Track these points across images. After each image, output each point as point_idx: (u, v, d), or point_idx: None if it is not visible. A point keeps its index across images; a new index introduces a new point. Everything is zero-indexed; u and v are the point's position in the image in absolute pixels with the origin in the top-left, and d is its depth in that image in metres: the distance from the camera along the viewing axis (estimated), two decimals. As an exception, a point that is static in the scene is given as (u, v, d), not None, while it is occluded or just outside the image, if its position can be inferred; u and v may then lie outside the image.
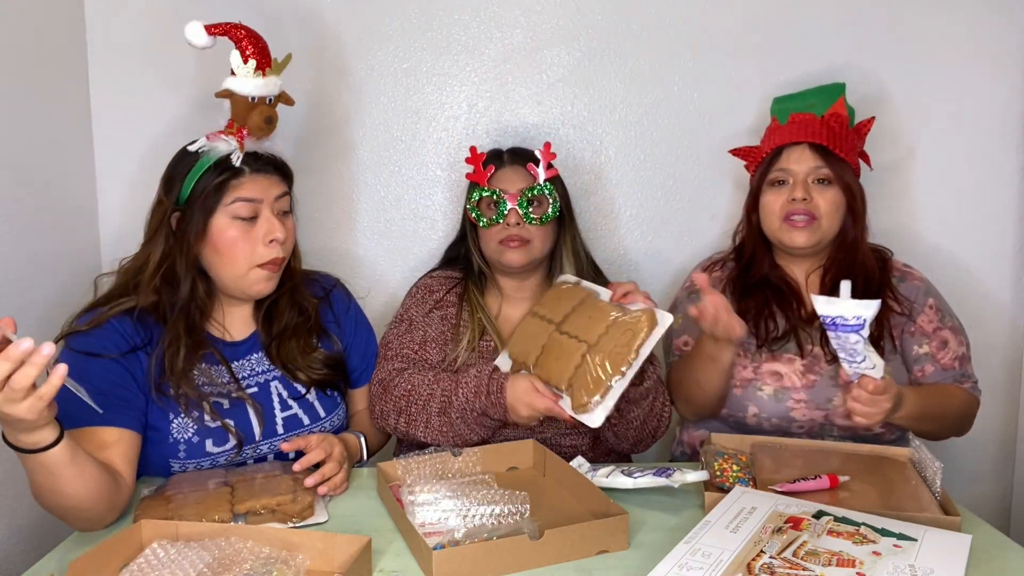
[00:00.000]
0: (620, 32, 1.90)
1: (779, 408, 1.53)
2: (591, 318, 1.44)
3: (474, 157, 1.60)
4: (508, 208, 1.55)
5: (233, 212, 1.35)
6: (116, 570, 1.06)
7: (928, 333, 1.57)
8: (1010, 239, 1.96)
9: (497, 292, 1.66)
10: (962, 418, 1.58)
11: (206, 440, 1.36)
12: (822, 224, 1.54)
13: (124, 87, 1.84)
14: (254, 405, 1.39)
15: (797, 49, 1.89)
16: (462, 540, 1.11)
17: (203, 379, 1.37)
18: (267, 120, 1.39)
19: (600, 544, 1.13)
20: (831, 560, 1.00)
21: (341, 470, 1.33)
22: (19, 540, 1.56)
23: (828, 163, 1.54)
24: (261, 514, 1.21)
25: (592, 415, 1.36)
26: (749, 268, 1.64)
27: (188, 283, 1.37)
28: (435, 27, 1.89)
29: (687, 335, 1.64)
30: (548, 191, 1.57)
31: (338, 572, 1.06)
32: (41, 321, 1.62)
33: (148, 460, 1.35)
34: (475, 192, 1.59)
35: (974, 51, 1.89)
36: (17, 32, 1.59)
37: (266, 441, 1.41)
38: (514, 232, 1.55)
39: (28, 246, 1.61)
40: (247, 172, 1.37)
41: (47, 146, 1.70)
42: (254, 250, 1.37)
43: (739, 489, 1.24)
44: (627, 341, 1.37)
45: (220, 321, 1.45)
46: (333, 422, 1.50)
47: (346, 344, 1.57)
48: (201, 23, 1.40)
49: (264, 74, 1.40)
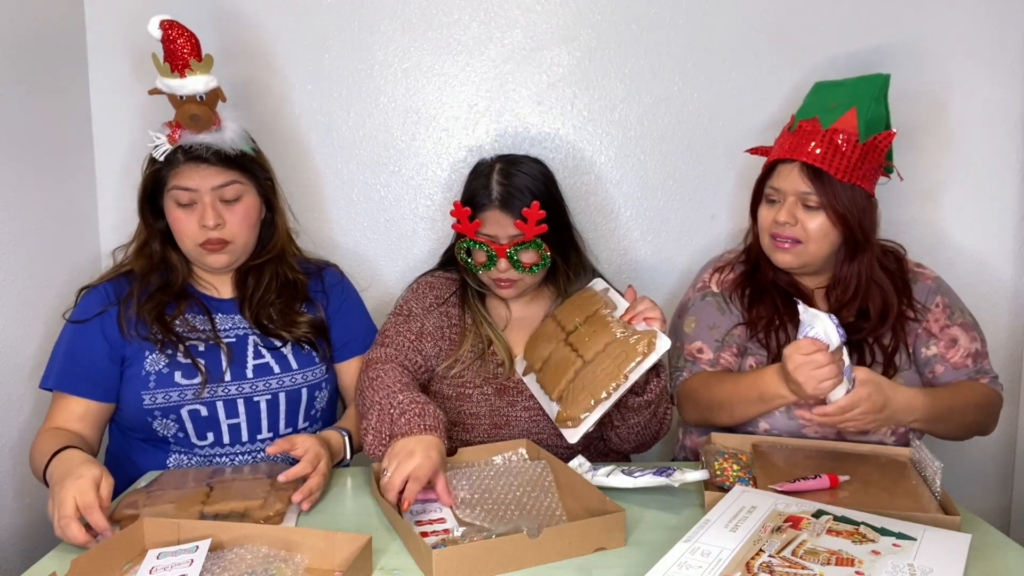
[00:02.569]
0: (620, 32, 1.90)
1: (790, 425, 1.50)
2: (595, 333, 1.45)
3: (458, 211, 1.52)
4: (497, 258, 1.52)
5: (174, 198, 1.48)
6: (118, 568, 1.07)
7: (935, 333, 1.54)
8: (1010, 239, 1.96)
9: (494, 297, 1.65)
10: (982, 415, 1.52)
11: (175, 372, 1.46)
12: (808, 248, 1.48)
13: (124, 87, 1.84)
14: (227, 349, 1.50)
15: (797, 48, 1.89)
16: (461, 539, 1.11)
17: (183, 327, 1.50)
18: (191, 117, 1.46)
19: (598, 541, 1.14)
20: (830, 559, 1.00)
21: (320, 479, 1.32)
22: (19, 540, 1.57)
23: (818, 188, 1.44)
24: (229, 517, 1.21)
25: (571, 432, 1.41)
26: (756, 272, 1.60)
27: (159, 249, 1.54)
28: (435, 27, 1.89)
29: (701, 342, 1.58)
30: (536, 246, 1.51)
31: (338, 571, 1.06)
32: (41, 320, 1.62)
33: (123, 398, 1.48)
34: (463, 243, 1.55)
35: (974, 50, 1.89)
36: (17, 32, 1.59)
37: (235, 383, 1.49)
38: (504, 276, 1.54)
39: (28, 246, 1.61)
40: (181, 162, 1.47)
41: (47, 146, 1.70)
42: (194, 231, 1.48)
43: (739, 488, 1.24)
44: (619, 363, 1.38)
45: (208, 280, 1.58)
46: (306, 376, 1.55)
47: (331, 314, 1.63)
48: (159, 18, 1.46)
49: (182, 74, 1.45)
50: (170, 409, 1.45)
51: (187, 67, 1.45)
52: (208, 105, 1.47)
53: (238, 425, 1.49)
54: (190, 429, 1.47)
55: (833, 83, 1.59)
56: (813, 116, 1.51)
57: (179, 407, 1.45)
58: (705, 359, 1.58)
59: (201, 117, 1.46)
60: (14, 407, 1.58)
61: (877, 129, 1.48)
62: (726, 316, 1.58)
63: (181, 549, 1.07)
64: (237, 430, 1.49)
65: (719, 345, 1.57)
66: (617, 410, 1.46)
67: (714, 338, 1.58)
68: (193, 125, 1.46)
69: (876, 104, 1.49)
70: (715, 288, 1.62)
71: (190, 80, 1.45)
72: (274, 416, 1.51)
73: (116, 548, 1.08)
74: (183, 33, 1.45)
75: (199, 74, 1.46)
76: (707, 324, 1.59)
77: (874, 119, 1.48)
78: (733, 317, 1.58)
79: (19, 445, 1.57)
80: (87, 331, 1.47)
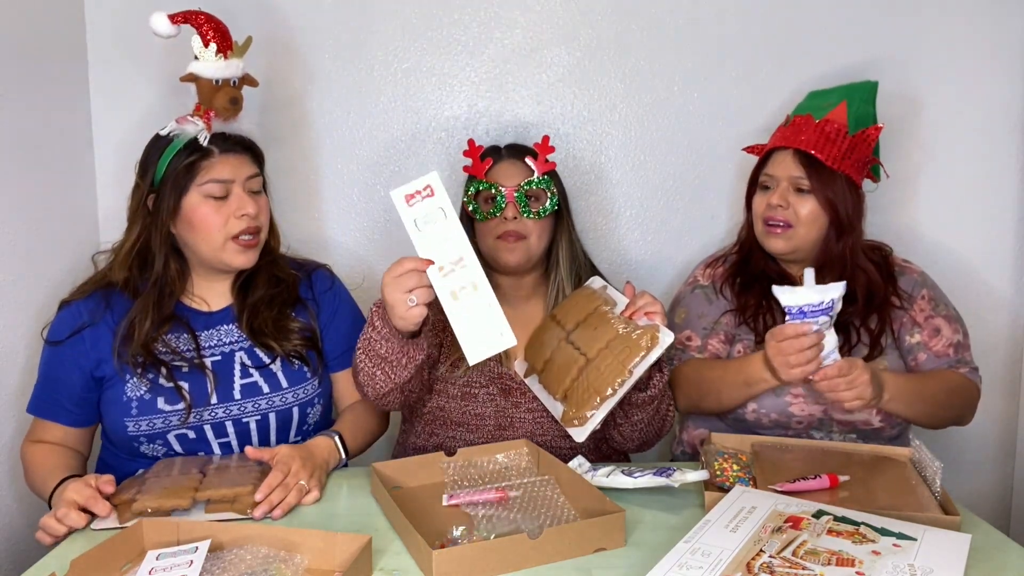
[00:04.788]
0: (620, 32, 1.90)
1: (778, 403, 1.54)
2: (596, 329, 1.43)
3: (472, 150, 1.57)
4: (505, 202, 1.53)
5: (206, 192, 1.41)
6: (117, 569, 1.06)
7: (920, 322, 1.59)
8: (1010, 238, 1.96)
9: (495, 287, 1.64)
10: (959, 401, 1.57)
11: (158, 398, 1.41)
12: (799, 231, 1.55)
13: (124, 87, 1.84)
14: (212, 373, 1.44)
15: (797, 49, 1.89)
16: (460, 539, 1.11)
17: (164, 349, 1.43)
18: (232, 101, 1.43)
19: (597, 542, 1.13)
20: (830, 559, 1.00)
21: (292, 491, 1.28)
22: (19, 540, 1.56)
23: (809, 173, 1.53)
24: (220, 502, 1.23)
25: (578, 430, 1.38)
26: (748, 263, 1.66)
27: (162, 260, 1.45)
28: (435, 27, 1.89)
29: (690, 330, 1.64)
30: (546, 185, 1.55)
31: (338, 571, 1.06)
32: (41, 320, 1.62)
33: (105, 421, 1.45)
34: (472, 185, 1.57)
35: (974, 50, 1.89)
36: (17, 32, 1.59)
37: (221, 405, 1.43)
38: (511, 227, 1.53)
39: (28, 245, 1.61)
40: (216, 153, 1.42)
41: (47, 146, 1.70)
42: (227, 223, 1.42)
43: (739, 489, 1.24)
44: (623, 359, 1.36)
45: (198, 293, 1.51)
46: (297, 395, 1.49)
47: (323, 322, 1.57)
48: (164, 13, 1.45)
49: (226, 56, 1.44)
50: (156, 435, 1.41)
51: (230, 48, 1.44)
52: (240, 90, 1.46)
53: (228, 443, 1.45)
54: (179, 451, 1.43)
55: (826, 90, 1.67)
56: (807, 114, 1.60)
57: (165, 433, 1.41)
58: (694, 346, 1.63)
59: (240, 101, 1.44)
60: (12, 405, 1.58)
61: (865, 125, 1.58)
62: (713, 305, 1.65)
63: (180, 550, 1.07)
64: (228, 448, 1.45)
65: (707, 332, 1.63)
66: (621, 407, 1.45)
67: (702, 326, 1.64)
68: (233, 110, 1.44)
69: (865, 104, 1.60)
70: (704, 281, 1.70)
71: (233, 62, 1.44)
72: (264, 436, 1.47)
73: (115, 549, 1.08)
74: (214, 18, 1.45)
75: (237, 58, 1.45)
76: (696, 314, 1.66)
77: (863, 116, 1.58)
78: (721, 306, 1.65)
79: (17, 446, 1.57)
80: (61, 355, 1.43)
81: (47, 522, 1.22)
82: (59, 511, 1.21)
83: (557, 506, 1.23)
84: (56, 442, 1.46)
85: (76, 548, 1.15)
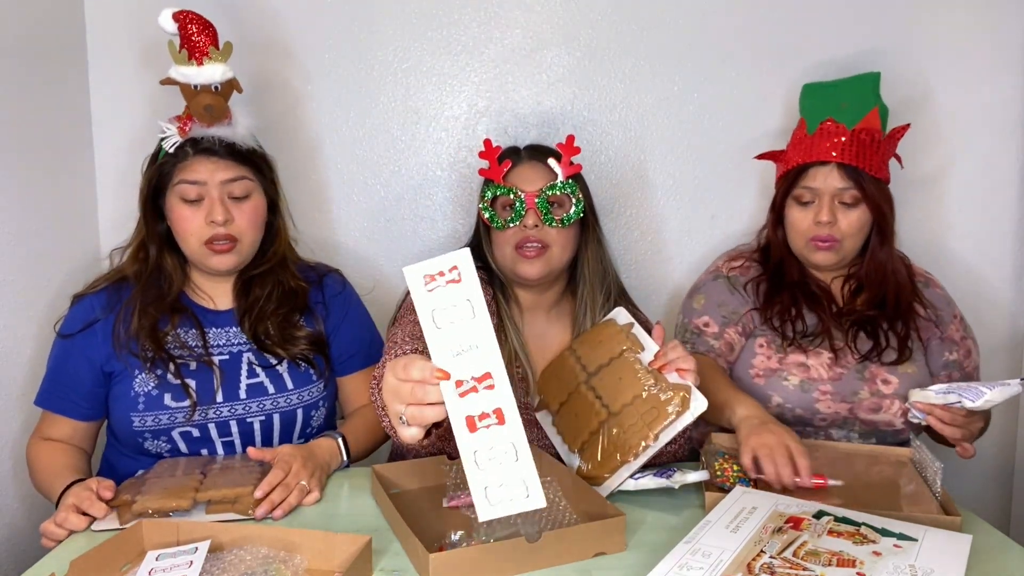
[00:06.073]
0: (620, 32, 1.90)
1: (804, 399, 1.53)
2: (621, 380, 1.31)
3: (489, 151, 1.46)
4: (525, 208, 1.42)
5: (180, 193, 1.43)
6: (117, 569, 1.06)
7: (957, 341, 1.62)
8: (1010, 239, 1.96)
9: (515, 303, 1.54)
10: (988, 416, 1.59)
11: (165, 394, 1.41)
12: (846, 244, 1.56)
13: (124, 87, 1.84)
14: (219, 370, 1.44)
15: (797, 48, 1.89)
16: (459, 542, 1.11)
17: (174, 344, 1.44)
18: (206, 108, 1.43)
19: (598, 546, 1.13)
20: (831, 560, 1.00)
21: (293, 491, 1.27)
22: (22, 540, 1.56)
23: (855, 184, 1.53)
24: (221, 503, 1.23)
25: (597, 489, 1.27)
26: (779, 274, 1.64)
27: (155, 254, 1.48)
28: (435, 27, 1.89)
29: (708, 316, 1.62)
30: (571, 190, 1.44)
31: (338, 571, 1.06)
32: (40, 320, 1.62)
33: (112, 416, 1.46)
34: (488, 190, 1.47)
35: (974, 50, 1.89)
36: (17, 32, 1.59)
37: (227, 404, 1.44)
38: (532, 235, 1.43)
39: (28, 246, 1.61)
40: (190, 155, 1.43)
41: (47, 146, 1.70)
42: (200, 228, 1.43)
43: (739, 489, 1.23)
44: (649, 421, 1.25)
45: (205, 291, 1.52)
46: (302, 396, 1.49)
47: (332, 327, 1.57)
48: (171, 11, 1.45)
49: (200, 63, 1.43)
50: (161, 431, 1.41)
51: (205, 55, 1.43)
52: (223, 96, 1.45)
53: (232, 442, 1.45)
54: (183, 448, 1.44)
55: (824, 84, 1.66)
56: (828, 117, 1.57)
57: (170, 429, 1.41)
58: (711, 332, 1.62)
59: (215, 108, 1.43)
60: (14, 404, 1.58)
61: (885, 119, 1.58)
62: (735, 297, 1.63)
63: (180, 550, 1.07)
64: (231, 447, 1.45)
65: (725, 321, 1.62)
66: None
67: (721, 314, 1.62)
68: (207, 116, 1.42)
69: (880, 100, 1.59)
70: (726, 272, 1.68)
71: (207, 68, 1.43)
72: (267, 436, 1.47)
73: (115, 549, 1.07)
74: (201, 20, 1.45)
75: (217, 63, 1.45)
76: (716, 302, 1.64)
77: (885, 114, 1.59)
78: (741, 300, 1.63)
79: (21, 444, 1.57)
80: (72, 348, 1.44)
81: (47, 528, 1.22)
82: (58, 516, 1.22)
83: (557, 509, 1.23)
84: (63, 439, 1.46)
85: (76, 549, 1.14)
